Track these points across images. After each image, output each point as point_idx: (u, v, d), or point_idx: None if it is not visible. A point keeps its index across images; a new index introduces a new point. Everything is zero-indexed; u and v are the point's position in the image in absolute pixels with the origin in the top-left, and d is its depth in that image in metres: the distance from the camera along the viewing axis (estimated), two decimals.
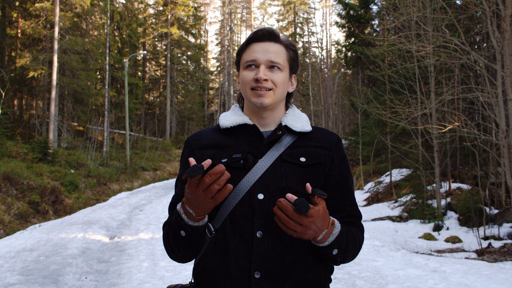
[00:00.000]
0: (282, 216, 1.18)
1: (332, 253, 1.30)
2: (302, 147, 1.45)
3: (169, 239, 1.38)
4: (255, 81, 1.41)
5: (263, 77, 1.40)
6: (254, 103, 1.43)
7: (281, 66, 1.44)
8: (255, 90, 1.42)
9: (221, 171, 1.17)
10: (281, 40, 1.47)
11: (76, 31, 21.44)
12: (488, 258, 6.80)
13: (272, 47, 1.44)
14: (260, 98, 1.42)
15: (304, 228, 1.19)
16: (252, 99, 1.43)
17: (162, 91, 38.30)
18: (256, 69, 1.43)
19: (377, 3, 20.65)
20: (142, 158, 24.19)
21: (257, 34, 1.45)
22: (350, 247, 1.35)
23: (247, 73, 1.44)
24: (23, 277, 5.41)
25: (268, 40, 1.44)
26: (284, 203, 1.18)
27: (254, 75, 1.42)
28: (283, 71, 1.45)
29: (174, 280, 5.18)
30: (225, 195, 1.20)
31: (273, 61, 1.42)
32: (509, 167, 7.81)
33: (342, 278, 5.31)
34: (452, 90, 9.98)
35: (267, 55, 1.42)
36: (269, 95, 1.42)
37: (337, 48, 28.26)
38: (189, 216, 1.28)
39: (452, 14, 9.22)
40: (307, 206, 1.15)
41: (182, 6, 35.29)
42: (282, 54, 1.45)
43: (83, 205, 13.33)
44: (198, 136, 1.52)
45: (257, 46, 1.44)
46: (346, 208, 1.45)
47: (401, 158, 14.31)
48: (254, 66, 1.43)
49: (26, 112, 26.11)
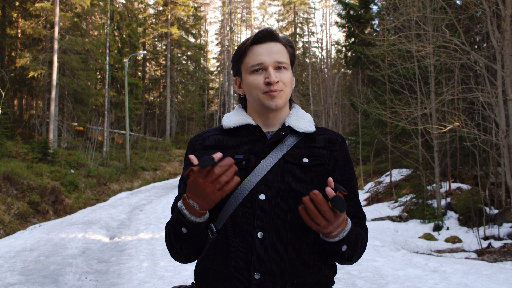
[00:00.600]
0: (312, 209, 1.18)
1: (341, 249, 1.30)
2: (305, 148, 1.44)
3: (170, 238, 1.37)
4: (266, 84, 1.40)
5: (276, 80, 1.38)
6: (269, 106, 1.42)
7: (286, 65, 1.43)
8: (269, 93, 1.40)
9: (231, 164, 1.18)
10: (280, 38, 1.46)
11: (76, 31, 21.45)
12: (488, 258, 6.80)
13: (275, 47, 1.42)
14: (274, 100, 1.40)
15: (328, 224, 1.20)
16: (266, 102, 1.41)
17: (162, 91, 38.32)
18: (264, 72, 1.41)
19: (377, 3, 20.66)
20: (142, 158, 24.19)
21: (258, 36, 1.42)
22: (358, 245, 1.36)
23: (255, 77, 1.41)
24: (23, 277, 5.41)
25: (270, 41, 1.43)
26: (320, 197, 1.17)
27: (264, 78, 1.40)
28: (288, 69, 1.44)
29: (174, 280, 5.19)
30: (232, 187, 1.20)
31: (280, 61, 1.41)
32: (509, 167, 7.81)
33: (342, 278, 5.31)
34: (452, 90, 9.98)
35: (272, 56, 1.40)
36: (281, 96, 1.42)
37: (337, 48, 28.29)
38: (192, 210, 1.27)
39: (452, 14, 9.22)
40: (344, 205, 1.15)
41: (182, 6, 35.30)
42: (284, 52, 1.44)
43: (83, 205, 13.33)
44: (201, 137, 1.52)
45: (260, 48, 1.42)
46: (351, 209, 1.44)
47: (401, 158, 14.30)
48: (261, 69, 1.41)
49: (26, 112, 26.11)
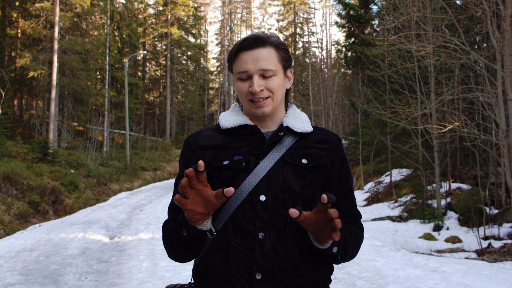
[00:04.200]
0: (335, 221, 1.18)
1: (332, 251, 1.31)
2: (304, 148, 1.45)
3: (171, 237, 1.38)
4: (250, 93, 1.39)
5: (258, 89, 1.37)
6: (255, 114, 1.43)
7: (273, 71, 1.39)
8: (253, 102, 1.40)
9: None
10: (270, 41, 1.41)
11: (76, 31, 21.45)
12: (488, 258, 6.80)
13: (261, 54, 1.38)
14: (260, 108, 1.41)
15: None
16: (253, 110, 1.42)
17: (162, 91, 38.31)
18: (249, 80, 1.39)
19: (377, 3, 20.66)
20: (142, 158, 24.18)
21: (243, 43, 1.39)
22: (349, 244, 1.37)
23: (241, 84, 1.41)
24: (23, 277, 5.41)
25: (256, 47, 1.39)
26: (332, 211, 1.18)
27: (248, 87, 1.39)
28: (277, 75, 1.41)
29: (174, 280, 5.18)
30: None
31: (265, 69, 1.38)
32: (509, 167, 7.81)
33: (342, 278, 5.30)
34: (452, 90, 9.98)
35: (257, 64, 1.37)
36: (268, 103, 1.41)
37: (337, 48, 28.29)
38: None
39: (452, 14, 9.22)
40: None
41: (182, 6, 35.29)
42: (273, 57, 1.40)
43: (83, 205, 13.32)
44: (198, 136, 1.51)
45: (246, 55, 1.39)
46: (346, 208, 1.47)
47: (401, 158, 14.31)
48: (247, 77, 1.40)
49: (26, 112, 26.12)
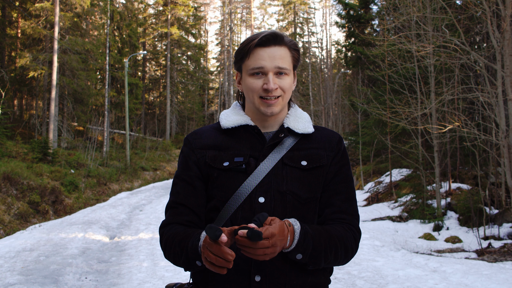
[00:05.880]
0: (248, 250, 1.15)
1: (295, 257, 1.26)
2: (304, 149, 1.44)
3: (176, 254, 1.33)
4: (264, 90, 1.38)
5: (274, 87, 1.36)
6: (264, 113, 1.40)
7: (287, 71, 1.40)
8: (265, 100, 1.39)
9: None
10: (285, 41, 1.42)
11: (76, 31, 21.45)
12: (488, 258, 6.80)
13: (278, 52, 1.38)
14: (270, 107, 1.39)
15: (273, 248, 1.16)
16: (262, 108, 1.40)
17: (162, 91, 38.30)
18: (263, 77, 1.38)
19: (377, 3, 20.65)
20: (142, 158, 24.18)
21: (262, 39, 1.37)
22: (321, 252, 1.28)
23: (254, 80, 1.39)
24: (23, 277, 5.41)
25: (273, 45, 1.38)
26: (241, 240, 1.14)
27: (262, 83, 1.38)
28: (289, 75, 1.41)
29: (174, 280, 5.18)
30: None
31: (281, 67, 1.38)
32: (509, 167, 7.81)
33: (342, 278, 5.30)
34: (452, 90, 9.98)
35: (274, 62, 1.37)
36: (278, 102, 1.40)
37: (337, 48, 28.26)
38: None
39: (452, 14, 9.22)
40: (259, 234, 1.11)
41: (182, 6, 35.28)
42: (287, 57, 1.41)
43: (83, 205, 13.32)
44: (198, 135, 1.49)
45: (263, 52, 1.37)
46: (338, 203, 1.41)
47: (401, 158, 14.30)
48: (261, 73, 1.38)
49: (26, 112, 26.11)
